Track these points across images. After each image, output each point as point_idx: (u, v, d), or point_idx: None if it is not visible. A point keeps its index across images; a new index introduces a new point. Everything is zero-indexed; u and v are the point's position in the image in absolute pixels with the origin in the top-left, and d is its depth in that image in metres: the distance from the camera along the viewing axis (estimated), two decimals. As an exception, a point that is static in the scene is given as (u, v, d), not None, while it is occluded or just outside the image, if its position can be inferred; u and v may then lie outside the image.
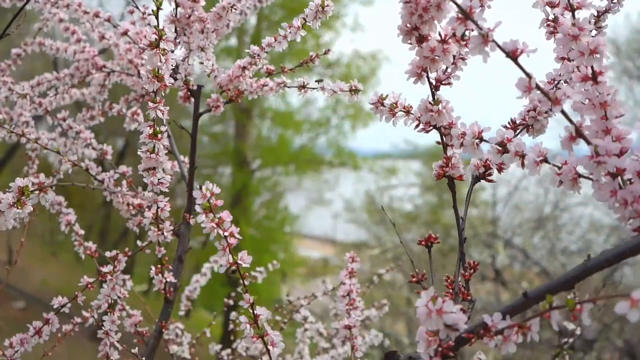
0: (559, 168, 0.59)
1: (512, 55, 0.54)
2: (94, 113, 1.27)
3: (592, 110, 0.57)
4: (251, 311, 0.69)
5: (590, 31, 0.76)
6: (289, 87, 1.02)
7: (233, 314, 1.45)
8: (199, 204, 0.65)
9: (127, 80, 1.25)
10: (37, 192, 0.70)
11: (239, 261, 0.67)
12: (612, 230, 6.46)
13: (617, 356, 6.12)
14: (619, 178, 0.55)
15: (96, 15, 1.14)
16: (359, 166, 11.16)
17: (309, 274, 10.98)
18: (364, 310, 1.63)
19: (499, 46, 0.54)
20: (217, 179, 11.67)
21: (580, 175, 0.58)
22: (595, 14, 0.77)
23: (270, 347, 0.69)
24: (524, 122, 0.73)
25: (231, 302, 1.60)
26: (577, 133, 0.55)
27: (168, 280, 1.03)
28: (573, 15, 0.58)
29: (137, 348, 0.97)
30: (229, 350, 1.47)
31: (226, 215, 0.67)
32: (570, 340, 1.16)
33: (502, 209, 7.43)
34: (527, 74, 0.54)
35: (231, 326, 1.49)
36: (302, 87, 0.99)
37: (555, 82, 0.74)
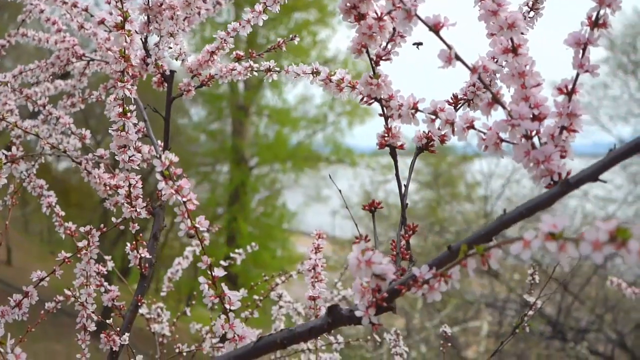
0: (484, 134, 0.64)
1: (435, 28, 0.59)
2: (75, 100, 1.32)
3: (513, 80, 0.63)
4: (209, 272, 0.74)
5: (528, 12, 0.82)
6: (256, 71, 1.07)
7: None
8: (158, 172, 0.70)
9: (106, 68, 1.30)
10: (9, 164, 0.75)
11: (197, 225, 0.72)
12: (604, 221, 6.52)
13: (610, 347, 6.19)
14: (534, 140, 0.60)
15: (74, 5, 1.19)
16: (356, 163, 11.21)
17: (307, 270, 10.98)
18: (341, 291, 1.69)
19: (421, 20, 0.59)
20: (215, 177, 11.74)
21: (502, 140, 0.63)
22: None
23: (227, 306, 0.74)
24: (465, 96, 0.78)
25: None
26: (494, 99, 0.60)
27: (143, 256, 1.08)
28: (493, -8, 0.63)
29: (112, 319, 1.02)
30: (207, 328, 1.52)
31: (185, 183, 0.72)
32: (531, 312, 1.21)
33: (495, 203, 7.49)
34: (448, 46, 0.59)
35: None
36: (268, 70, 1.05)
37: (495, 59, 0.79)
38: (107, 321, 1.02)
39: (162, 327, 1.41)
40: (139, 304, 1.11)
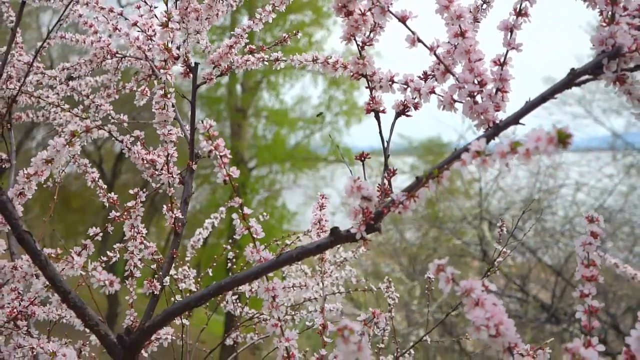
0: (442, 97, 0.87)
1: (402, 19, 0.82)
2: (110, 92, 1.55)
3: (462, 56, 0.85)
4: (241, 211, 0.97)
5: (482, 5, 1.05)
6: (266, 61, 1.30)
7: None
8: (202, 133, 0.93)
9: (137, 63, 1.52)
10: (84, 133, 0.97)
11: (230, 173, 0.95)
12: (596, 210, 6.77)
13: (604, 331, 6.42)
14: (477, 98, 0.83)
15: (110, 10, 1.42)
16: (354, 162, 11.41)
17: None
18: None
19: (393, 14, 0.82)
20: (214, 178, 11.94)
21: (455, 100, 0.86)
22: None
23: (255, 236, 0.97)
24: (432, 72, 1.01)
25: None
26: (446, 70, 0.83)
27: (177, 216, 1.31)
28: (445, -8, 0.85)
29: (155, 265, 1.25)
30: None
31: (221, 142, 0.95)
32: (501, 259, 1.43)
33: (489, 192, 7.72)
34: (412, 32, 0.82)
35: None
36: (276, 60, 1.28)
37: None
38: (152, 266, 1.24)
39: (190, 284, 1.63)
40: (174, 256, 1.33)
